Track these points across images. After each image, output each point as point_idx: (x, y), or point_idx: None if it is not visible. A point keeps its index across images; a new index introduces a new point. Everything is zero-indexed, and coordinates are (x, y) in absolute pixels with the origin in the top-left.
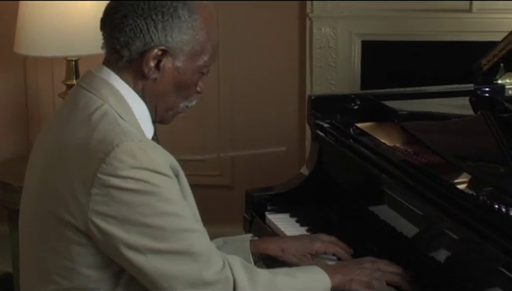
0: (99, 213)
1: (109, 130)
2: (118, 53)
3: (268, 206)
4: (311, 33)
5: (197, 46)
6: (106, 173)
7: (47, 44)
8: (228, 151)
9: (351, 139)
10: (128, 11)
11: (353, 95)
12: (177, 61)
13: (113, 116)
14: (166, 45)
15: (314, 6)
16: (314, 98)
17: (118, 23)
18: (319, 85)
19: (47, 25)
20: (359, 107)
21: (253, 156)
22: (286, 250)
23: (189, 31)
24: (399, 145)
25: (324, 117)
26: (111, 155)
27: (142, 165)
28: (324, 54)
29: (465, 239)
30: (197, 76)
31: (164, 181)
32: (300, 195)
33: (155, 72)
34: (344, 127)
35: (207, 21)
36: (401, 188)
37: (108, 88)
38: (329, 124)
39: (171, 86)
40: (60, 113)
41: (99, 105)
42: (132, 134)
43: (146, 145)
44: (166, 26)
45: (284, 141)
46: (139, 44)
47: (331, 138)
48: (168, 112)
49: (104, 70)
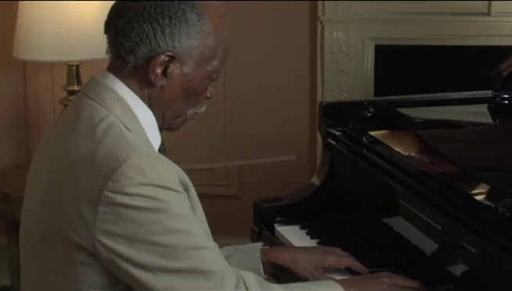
0: (106, 232)
1: (116, 144)
2: (123, 59)
3: (277, 217)
4: (323, 37)
5: (207, 51)
6: (112, 190)
7: (47, 48)
8: (236, 160)
9: (363, 148)
10: (134, 15)
11: (366, 102)
12: (185, 67)
13: (119, 128)
14: (173, 51)
15: (325, 9)
16: (325, 104)
17: (123, 28)
18: (331, 91)
19: (47, 28)
20: (373, 114)
21: (261, 165)
22: (298, 262)
23: (198, 36)
24: (414, 154)
25: (336, 125)
26: (118, 171)
27: (151, 181)
28: (336, 59)
29: (483, 253)
30: (207, 81)
31: (174, 196)
32: (310, 207)
33: (162, 79)
34: (357, 136)
35: (217, 24)
36: (416, 199)
37: (113, 97)
38: (341, 132)
39: (179, 93)
40: (63, 122)
41: (103, 115)
42: (140, 149)
43: (155, 160)
44: (173, 31)
45: (294, 150)
46: (145, 50)
47: (343, 146)
48: (176, 119)
49: (109, 77)
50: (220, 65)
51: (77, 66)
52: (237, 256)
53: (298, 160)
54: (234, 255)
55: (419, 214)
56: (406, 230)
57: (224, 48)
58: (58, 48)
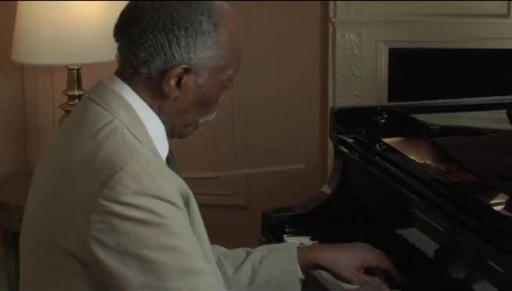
0: (97, 242)
1: (116, 150)
2: (135, 69)
3: (286, 228)
4: (334, 39)
5: (221, 61)
6: (107, 198)
7: (46, 51)
8: (243, 168)
9: (377, 156)
10: (148, 24)
11: (380, 108)
12: (199, 78)
13: (123, 134)
14: (189, 63)
15: (337, 10)
16: (337, 110)
17: (137, 38)
18: (343, 97)
19: (47, 30)
20: (386, 121)
21: (270, 173)
22: (339, 261)
23: (214, 46)
24: (430, 162)
25: (348, 132)
26: (114, 178)
27: (148, 191)
28: (348, 62)
29: (502, 266)
30: (220, 90)
31: (172, 211)
32: (321, 217)
33: (176, 91)
34: (370, 143)
35: (232, 33)
36: (431, 209)
37: (120, 102)
38: (354, 139)
39: (193, 104)
40: (67, 127)
41: (108, 120)
42: (140, 156)
43: (154, 169)
44: (189, 43)
45: (304, 158)
46: (160, 62)
47: (355, 154)
48: (187, 127)
49: (117, 82)
50: (234, 73)
51: (77, 70)
52: (273, 257)
53: (308, 168)
54: (269, 255)
55: (435, 225)
56: (421, 242)
57: (238, 56)
58: (58, 51)
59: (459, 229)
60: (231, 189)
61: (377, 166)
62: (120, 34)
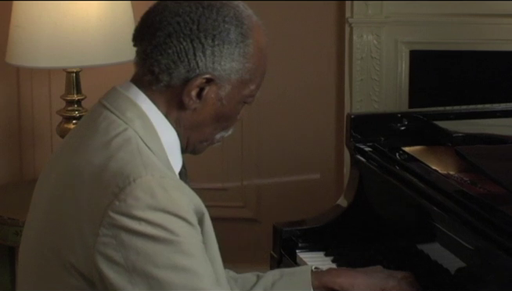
0: (104, 258)
1: (129, 160)
2: (155, 76)
3: (299, 242)
4: (351, 41)
5: (246, 74)
6: (118, 211)
7: (44, 53)
8: (253, 178)
9: (397, 165)
10: (174, 30)
11: (400, 114)
12: (222, 91)
13: (137, 144)
14: (212, 74)
15: (354, 10)
16: (354, 117)
17: (161, 43)
18: (360, 102)
19: (44, 30)
20: (407, 128)
21: (281, 184)
22: (357, 286)
23: (240, 58)
24: (453, 172)
25: (366, 140)
26: (126, 190)
27: (161, 206)
28: (366, 66)
29: None
30: (241, 106)
31: (185, 228)
32: (337, 231)
33: (196, 102)
34: (389, 152)
35: (260, 46)
36: (455, 223)
37: (135, 111)
38: (372, 148)
39: (211, 117)
40: (76, 134)
41: (121, 129)
42: (154, 168)
43: (169, 183)
44: (215, 52)
45: (318, 168)
46: (183, 71)
47: (374, 163)
48: (203, 143)
49: (132, 89)
50: (256, 89)
51: (76, 74)
52: (285, 281)
53: (323, 179)
54: (281, 280)
55: (458, 240)
56: (444, 258)
57: (263, 70)
58: (56, 53)
59: (485, 245)
60: (240, 201)
61: (397, 176)
62: (141, 38)
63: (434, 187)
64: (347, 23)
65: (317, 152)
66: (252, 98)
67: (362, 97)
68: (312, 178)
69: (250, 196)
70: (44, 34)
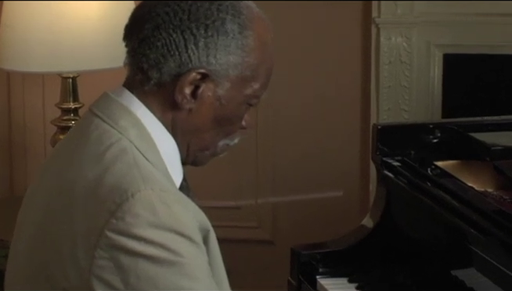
0: (101, 282)
1: (126, 173)
2: (145, 74)
3: (319, 267)
4: (378, 43)
5: (247, 70)
6: (115, 230)
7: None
8: (268, 196)
9: (428, 182)
10: (162, 21)
11: (432, 125)
12: (219, 88)
13: (133, 155)
14: (207, 68)
15: (382, 9)
16: (381, 128)
17: (148, 36)
18: (388, 111)
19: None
20: (440, 140)
21: (300, 202)
22: None
23: (238, 51)
24: (491, 190)
25: (394, 153)
26: (124, 207)
27: (163, 223)
28: (394, 71)
29: None
30: (244, 108)
31: (189, 248)
32: (361, 255)
33: (190, 101)
34: (420, 167)
35: (262, 39)
36: (494, 246)
37: (129, 118)
38: (401, 162)
39: (210, 120)
40: (66, 146)
41: (115, 139)
42: (153, 181)
43: (171, 198)
44: (209, 44)
45: (341, 184)
46: (173, 65)
47: (403, 180)
48: (204, 152)
49: (125, 94)
50: (261, 89)
51: (73, 79)
52: None
53: (346, 197)
54: None
55: (497, 265)
56: (481, 285)
57: (268, 68)
58: (50, 57)
59: None
60: (254, 221)
61: (429, 194)
62: (130, 33)
63: (470, 206)
64: (373, 23)
65: (339, 167)
66: (256, 99)
67: (390, 106)
68: (334, 196)
69: (265, 216)
70: (37, 35)
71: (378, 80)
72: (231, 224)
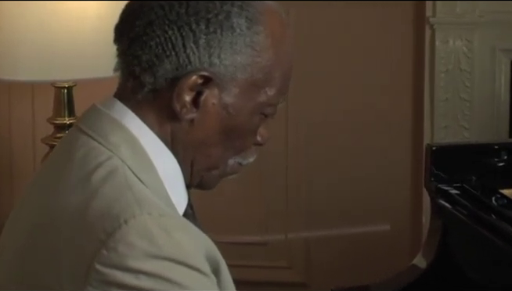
0: None
1: (117, 197)
2: (137, 79)
3: None
4: (433, 47)
5: (259, 73)
6: (107, 263)
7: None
8: (301, 230)
9: (493, 214)
10: (156, 16)
11: (497, 145)
12: (226, 95)
13: (125, 175)
14: (210, 70)
15: (437, 7)
16: (436, 149)
17: (140, 34)
18: (445, 129)
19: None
20: (507, 164)
21: (337, 238)
22: None
23: (247, 50)
24: None
25: (451, 179)
26: (116, 235)
27: (163, 252)
28: (453, 80)
29: None
30: (257, 118)
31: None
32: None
33: (191, 110)
34: (483, 195)
35: (277, 35)
36: None
37: (120, 134)
38: (460, 190)
39: (217, 132)
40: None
41: (104, 158)
42: (150, 205)
43: (171, 223)
44: (212, 42)
45: (388, 216)
46: (169, 67)
47: (462, 211)
48: (211, 171)
49: (116, 106)
50: (277, 95)
51: (68, 89)
52: None
53: (394, 231)
54: None
55: None
56: None
57: (284, 71)
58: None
59: None
60: (284, 260)
61: (493, 228)
62: (120, 34)
63: None
64: (427, 24)
65: (386, 196)
66: (272, 108)
67: (448, 122)
68: (380, 230)
69: (297, 254)
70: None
71: (433, 91)
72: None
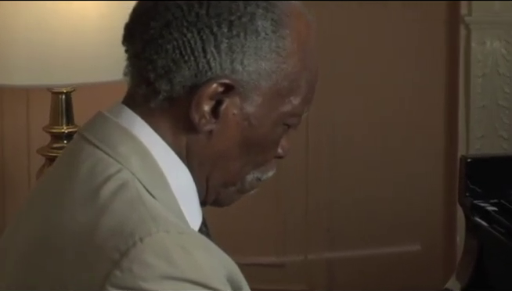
0: None
1: (129, 213)
2: (151, 86)
3: None
4: (469, 49)
5: (284, 81)
6: (121, 285)
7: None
8: (322, 251)
9: None
10: (174, 17)
11: None
12: (248, 104)
13: (136, 190)
14: (232, 78)
15: (473, 6)
16: (471, 161)
17: (155, 37)
18: (481, 139)
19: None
20: None
21: (362, 259)
22: None
23: (273, 56)
24: None
25: (488, 195)
26: (130, 255)
27: (182, 273)
28: (490, 86)
29: None
30: (280, 130)
31: None
32: None
33: (210, 121)
34: None
35: (304, 40)
36: None
37: (130, 144)
38: (497, 207)
39: (236, 145)
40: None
41: (113, 171)
42: (167, 222)
43: (191, 241)
44: (234, 46)
45: (418, 235)
46: (187, 74)
47: (500, 229)
48: (228, 187)
49: (125, 113)
50: (302, 105)
51: (67, 95)
52: None
53: (425, 252)
54: None
55: None
56: None
57: (310, 78)
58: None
59: None
60: (304, 282)
61: None
62: (131, 35)
63: None
64: (462, 23)
65: (416, 213)
66: (296, 118)
67: (484, 132)
68: (409, 251)
69: (318, 276)
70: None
71: (468, 98)
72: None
